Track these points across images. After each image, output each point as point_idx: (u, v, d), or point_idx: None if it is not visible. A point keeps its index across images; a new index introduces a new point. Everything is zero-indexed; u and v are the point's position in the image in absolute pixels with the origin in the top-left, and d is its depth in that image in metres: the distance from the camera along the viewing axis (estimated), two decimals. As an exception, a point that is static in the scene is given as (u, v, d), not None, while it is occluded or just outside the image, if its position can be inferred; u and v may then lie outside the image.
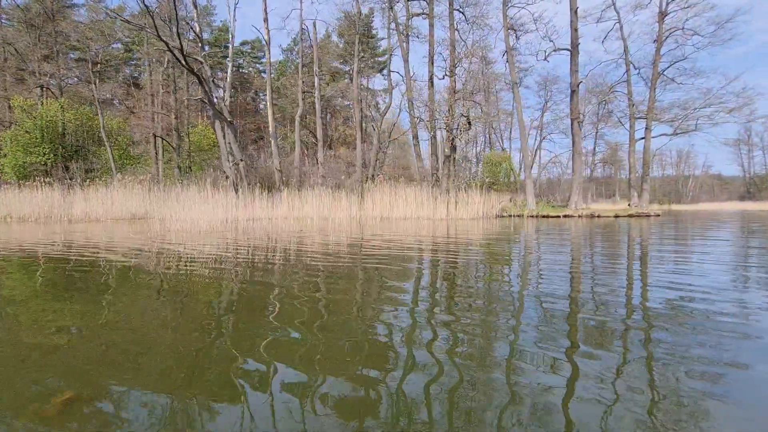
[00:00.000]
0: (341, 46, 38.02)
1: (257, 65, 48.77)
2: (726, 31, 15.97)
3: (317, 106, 20.14)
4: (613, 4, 17.63)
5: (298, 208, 17.13)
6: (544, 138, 39.85)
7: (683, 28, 16.51)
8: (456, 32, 19.23)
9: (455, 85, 18.06)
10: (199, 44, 19.93)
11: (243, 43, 46.20)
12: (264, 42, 19.75)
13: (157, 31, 14.87)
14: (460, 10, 19.27)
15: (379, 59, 38.26)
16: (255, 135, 38.55)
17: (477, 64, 22.02)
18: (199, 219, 12.87)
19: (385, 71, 33.41)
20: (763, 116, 16.75)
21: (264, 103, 44.26)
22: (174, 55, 15.73)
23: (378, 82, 41.08)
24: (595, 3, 33.99)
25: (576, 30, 14.99)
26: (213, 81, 19.36)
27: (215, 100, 19.04)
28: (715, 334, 1.94)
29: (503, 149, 38.37)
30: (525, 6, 17.68)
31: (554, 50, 16.71)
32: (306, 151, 29.91)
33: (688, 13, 16.04)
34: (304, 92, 22.11)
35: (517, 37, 20.68)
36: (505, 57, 19.10)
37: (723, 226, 10.61)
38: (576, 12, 14.90)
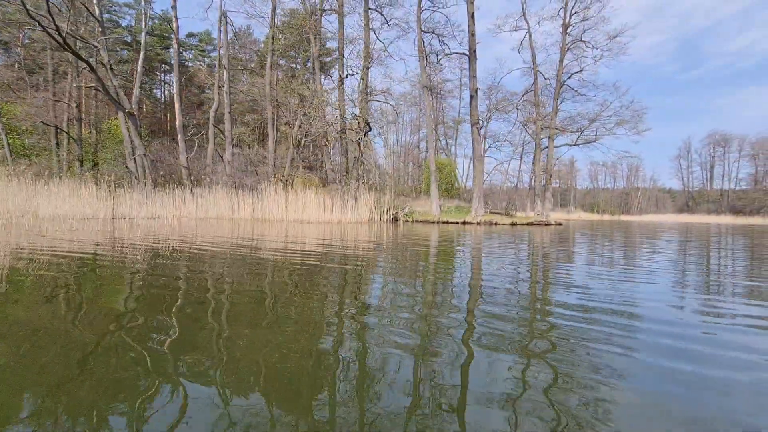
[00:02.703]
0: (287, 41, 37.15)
1: (206, 59, 47.16)
2: (618, 45, 16.41)
3: (226, 101, 19.22)
4: (524, 14, 17.74)
5: (194, 207, 16.18)
6: (489, 146, 40.25)
7: (581, 40, 16.83)
8: (372, 32, 18.84)
9: (366, 85, 17.63)
10: (100, 28, 18.64)
11: (189, 36, 44.55)
12: (172, 30, 18.67)
13: (26, 8, 13.61)
14: (378, 10, 18.90)
15: (326, 59, 37.59)
16: (194, 130, 36.96)
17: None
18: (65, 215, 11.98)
19: (333, 72, 32.97)
20: (646, 129, 17.19)
21: (213, 97, 42.69)
22: (51, 35, 14.47)
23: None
24: (514, 11, 34.10)
25: (473, 35, 14.85)
26: (111, 68, 18.07)
27: (112, 87, 17.78)
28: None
29: (447, 155, 38.52)
30: (437, 9, 17.49)
31: (447, 54, 16.58)
32: (250, 148, 28.69)
33: (586, 26, 16.38)
34: (220, 87, 21.18)
35: (441, 41, 20.57)
36: (432, 59, 18.88)
37: (604, 235, 10.54)
38: (473, 16, 14.78)
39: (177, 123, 19.42)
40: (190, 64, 46.32)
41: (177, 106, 19.30)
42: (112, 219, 13.41)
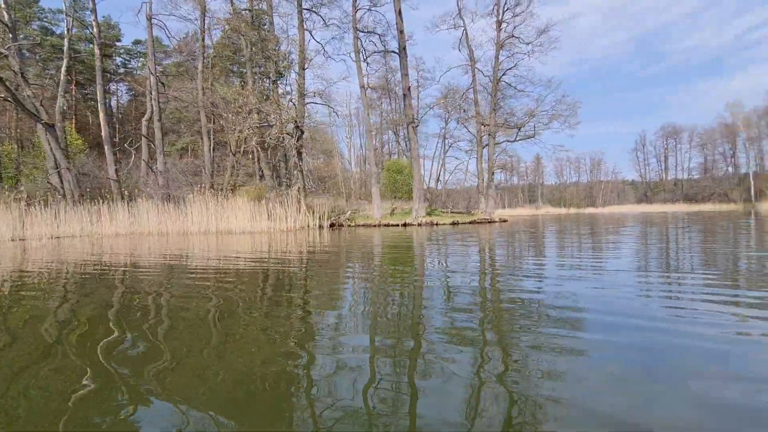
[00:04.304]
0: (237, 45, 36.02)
1: (158, 66, 45.31)
2: (549, 40, 16.52)
3: (155, 108, 18.18)
4: (459, 12, 17.62)
5: (119, 222, 15.09)
6: (450, 146, 40.26)
7: (514, 36, 16.88)
8: (308, 33, 18.26)
9: (302, 87, 17.03)
10: (10, 35, 17.29)
11: (136, 43, 42.71)
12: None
13: None
14: (313, 10, 18.33)
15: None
16: (131, 141, 35.20)
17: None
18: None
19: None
20: (578, 122, 17.39)
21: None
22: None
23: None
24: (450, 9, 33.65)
25: (402, 32, 14.53)
26: (24, 76, 16.74)
27: (27, 98, 16.47)
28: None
29: (408, 157, 38.29)
30: (372, 8, 17.10)
31: (377, 52, 16.23)
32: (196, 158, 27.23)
33: (517, 21, 16.42)
34: (151, 94, 20.05)
35: (381, 40, 20.19)
36: (366, 59, 18.42)
37: (534, 232, 10.27)
38: (400, 13, 14.47)
39: (103, 134, 18.22)
40: (138, 73, 44.40)
41: (102, 115, 18.13)
42: (11, 240, 12.24)
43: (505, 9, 16.81)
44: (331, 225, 16.02)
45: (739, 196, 43.55)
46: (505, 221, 17.38)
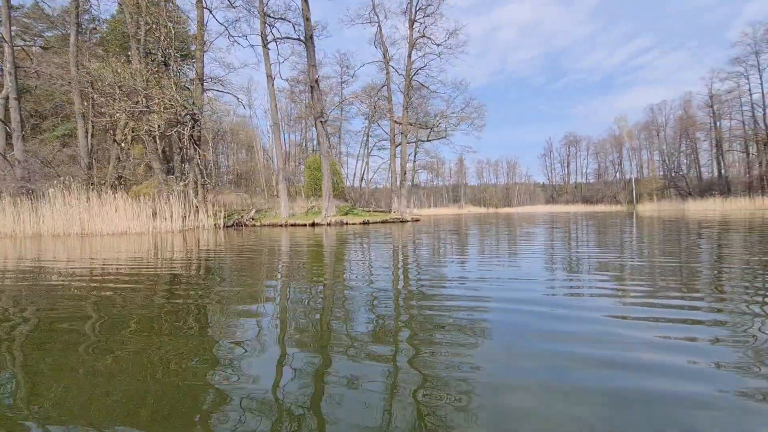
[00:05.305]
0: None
1: (38, 39, 38.74)
2: (457, 42, 17.05)
3: (11, 84, 15.10)
4: (373, 8, 17.30)
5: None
6: (375, 145, 40.06)
7: (424, 35, 17.11)
8: (207, 11, 16.52)
9: (201, 71, 15.32)
10: None
11: (15, 8, 35.95)
12: None
13: None
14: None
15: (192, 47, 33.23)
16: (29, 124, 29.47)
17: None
18: None
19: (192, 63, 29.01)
20: (483, 124, 18.39)
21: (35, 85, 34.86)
22: None
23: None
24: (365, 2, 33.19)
25: (308, 20, 13.75)
26: None
27: None
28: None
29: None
30: (280, -7, 15.91)
31: (280, 38, 15.33)
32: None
33: (428, 22, 16.65)
34: (16, 68, 16.67)
35: (297, 31, 19.07)
36: (266, 45, 17.08)
37: (439, 229, 10.06)
38: (306, 0, 13.67)
39: (-64, 111, 14.64)
40: (19, 44, 37.51)
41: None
42: None
43: (417, 8, 16.92)
44: (233, 224, 14.67)
45: (624, 199, 49.82)
46: (417, 220, 17.45)
